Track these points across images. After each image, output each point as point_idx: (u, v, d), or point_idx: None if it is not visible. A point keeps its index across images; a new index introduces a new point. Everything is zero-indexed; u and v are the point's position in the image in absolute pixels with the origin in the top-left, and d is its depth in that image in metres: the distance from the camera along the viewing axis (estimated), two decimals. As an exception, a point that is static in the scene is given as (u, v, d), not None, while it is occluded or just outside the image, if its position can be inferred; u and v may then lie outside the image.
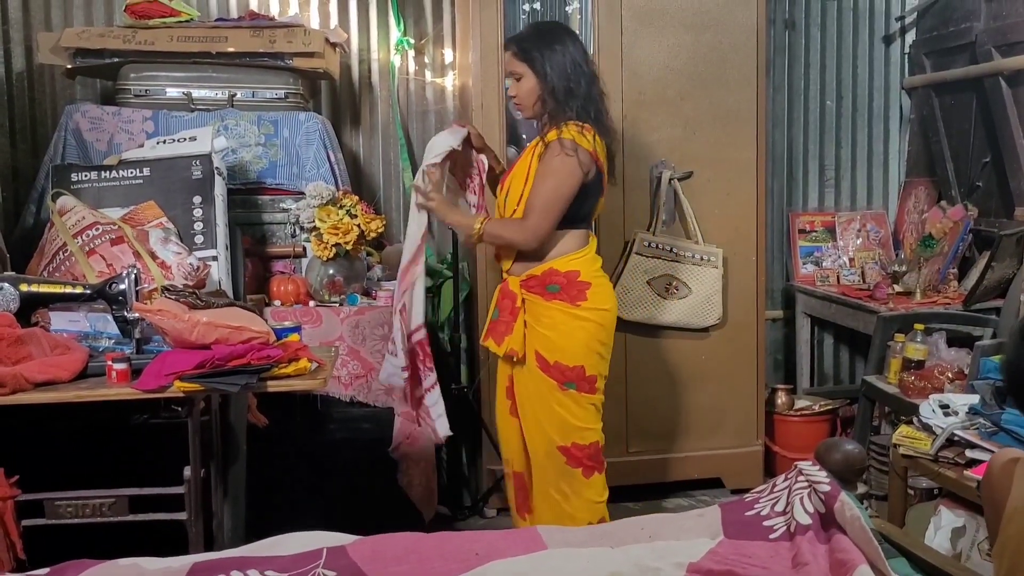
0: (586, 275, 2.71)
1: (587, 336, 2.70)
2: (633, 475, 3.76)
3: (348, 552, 1.68)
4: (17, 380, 2.07)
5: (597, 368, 2.74)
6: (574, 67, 2.68)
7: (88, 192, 3.14)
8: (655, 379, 3.76)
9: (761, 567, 1.58)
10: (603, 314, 2.73)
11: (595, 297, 2.71)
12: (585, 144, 2.63)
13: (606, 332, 2.75)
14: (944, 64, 4.23)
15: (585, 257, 2.74)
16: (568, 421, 2.72)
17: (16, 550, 2.16)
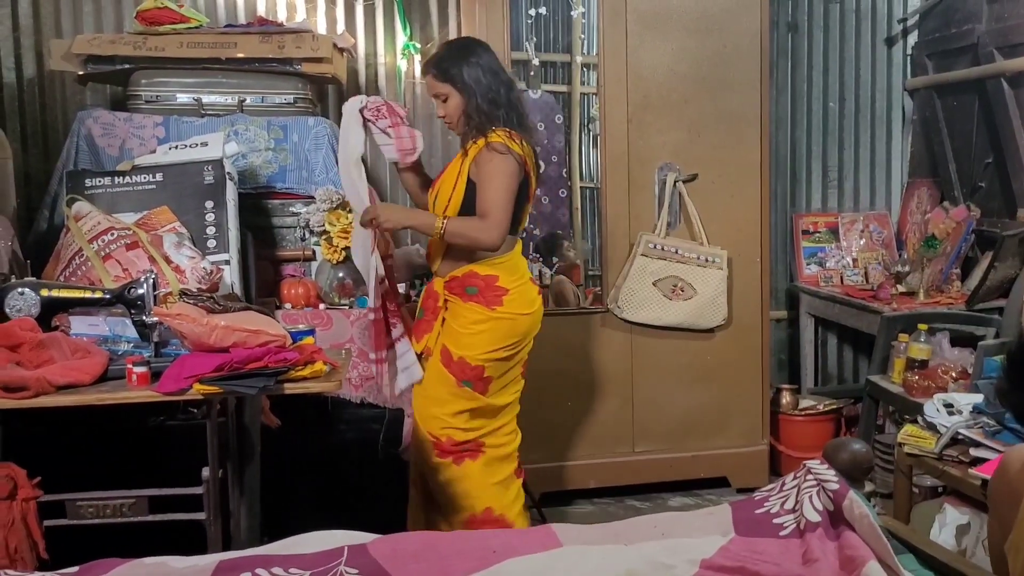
0: (504, 281, 2.80)
1: (494, 338, 2.80)
2: (639, 474, 3.81)
3: (369, 550, 1.72)
4: (40, 383, 2.10)
5: (495, 371, 2.83)
6: (492, 77, 2.77)
7: (102, 197, 3.18)
8: (661, 379, 3.80)
9: (772, 563, 1.62)
10: (516, 318, 2.81)
11: (511, 303, 2.80)
12: (515, 148, 2.72)
13: (514, 337, 2.82)
14: (946, 66, 4.27)
15: (506, 263, 2.81)
16: (451, 417, 2.83)
17: (39, 550, 2.19)
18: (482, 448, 2.90)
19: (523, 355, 2.93)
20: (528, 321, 2.84)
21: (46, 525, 2.23)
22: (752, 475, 3.81)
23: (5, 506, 2.16)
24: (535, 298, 2.89)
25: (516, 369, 2.93)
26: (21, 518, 2.17)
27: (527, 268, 2.94)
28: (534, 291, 2.91)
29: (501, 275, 2.80)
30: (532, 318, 2.86)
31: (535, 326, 2.89)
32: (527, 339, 2.89)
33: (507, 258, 2.82)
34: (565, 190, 3.96)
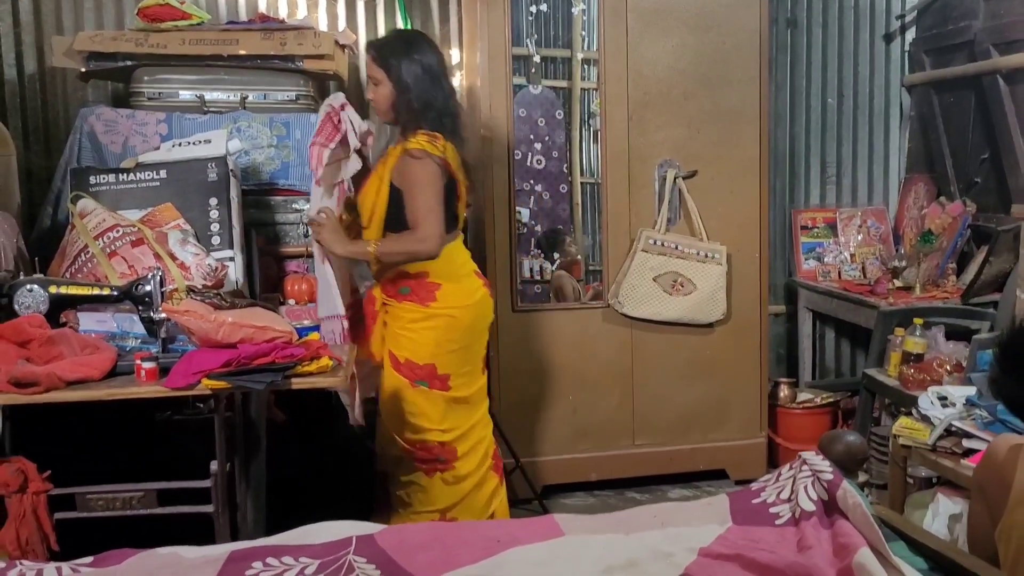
0: (436, 276, 2.83)
1: (437, 335, 2.84)
2: (638, 467, 3.85)
3: (376, 540, 1.76)
4: (51, 379, 2.14)
5: (450, 367, 2.86)
6: (430, 79, 2.79)
7: (106, 195, 3.20)
8: (661, 374, 3.84)
9: (768, 551, 1.66)
10: (454, 312, 2.84)
11: (445, 297, 2.84)
12: (434, 151, 2.74)
13: (458, 331, 2.86)
14: (943, 62, 4.30)
15: (436, 260, 2.81)
16: (416, 420, 2.88)
17: (50, 542, 2.24)
18: (456, 458, 2.92)
19: (479, 348, 2.96)
20: (469, 314, 2.86)
21: (56, 518, 2.27)
22: (750, 467, 3.85)
23: (16, 499, 2.21)
24: (475, 290, 2.91)
25: (476, 362, 2.96)
26: (32, 511, 2.21)
27: (466, 261, 2.96)
28: (474, 283, 2.93)
29: (431, 271, 2.82)
30: (474, 311, 2.88)
31: (481, 318, 2.92)
32: (476, 332, 2.91)
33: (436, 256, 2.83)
34: (566, 186, 3.99)
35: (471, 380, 2.96)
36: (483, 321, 2.95)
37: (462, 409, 2.95)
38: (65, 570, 1.72)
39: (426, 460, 2.92)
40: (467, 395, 2.95)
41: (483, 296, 2.95)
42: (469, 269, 2.96)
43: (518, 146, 3.78)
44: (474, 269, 2.98)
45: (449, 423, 2.92)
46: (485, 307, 2.95)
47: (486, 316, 2.97)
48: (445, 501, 2.94)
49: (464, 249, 2.98)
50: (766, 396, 4.00)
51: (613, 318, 3.77)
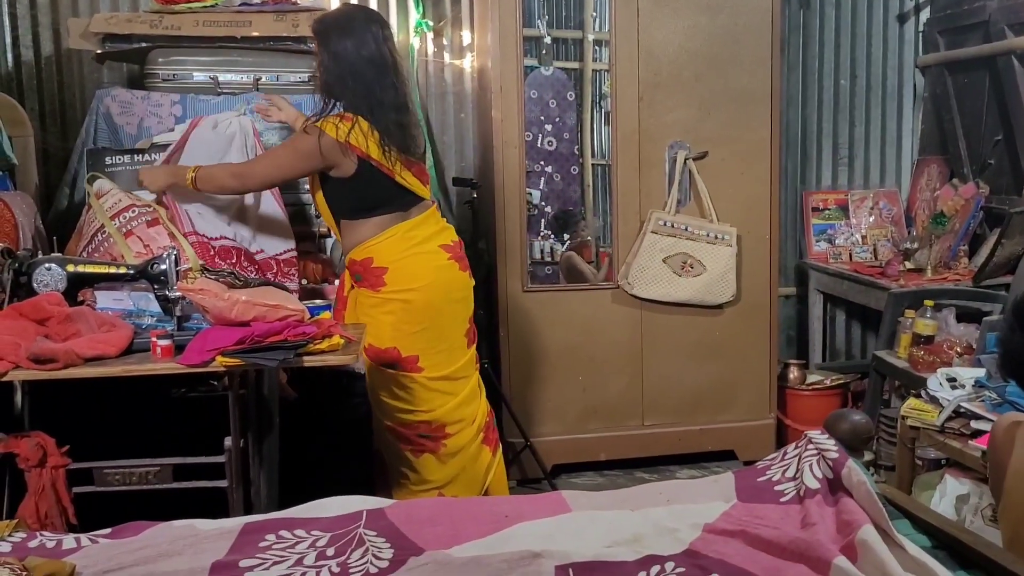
0: (381, 260, 2.80)
1: (393, 319, 2.82)
2: (647, 447, 3.88)
3: (386, 514, 1.80)
4: (69, 355, 2.18)
5: (414, 348, 2.84)
6: (358, 58, 2.74)
7: (122, 175, 3.24)
8: (670, 355, 3.86)
9: (772, 527, 1.68)
10: (406, 295, 2.80)
11: (394, 280, 2.80)
12: (331, 132, 2.70)
13: (415, 313, 2.82)
14: (958, 43, 4.28)
15: (379, 244, 2.80)
16: (392, 402, 2.90)
17: (68, 515, 2.29)
18: (445, 436, 2.92)
19: (451, 324, 2.88)
20: (423, 295, 2.81)
21: (74, 492, 2.32)
22: (759, 448, 3.87)
23: (36, 473, 2.26)
24: (424, 272, 2.83)
25: (452, 338, 2.89)
26: (51, 485, 2.26)
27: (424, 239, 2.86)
28: (431, 261, 2.84)
29: (375, 256, 2.80)
30: (428, 291, 2.81)
31: (441, 294, 2.84)
32: (437, 310, 2.84)
33: (378, 238, 2.81)
34: (577, 167, 4.01)
35: (449, 358, 2.91)
36: (444, 297, 2.86)
37: (444, 387, 2.91)
38: (83, 540, 1.77)
39: (411, 440, 2.92)
40: (446, 373, 2.90)
41: (439, 270, 2.85)
42: (429, 247, 2.85)
43: (529, 127, 3.79)
44: (440, 244, 2.88)
45: (430, 403, 2.89)
46: (445, 282, 2.85)
47: (448, 291, 2.87)
48: (438, 478, 2.94)
49: (423, 227, 2.86)
50: (775, 377, 4.01)
51: (623, 299, 3.79)
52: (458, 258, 2.92)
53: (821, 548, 1.57)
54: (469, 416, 2.98)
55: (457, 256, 2.92)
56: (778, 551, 1.62)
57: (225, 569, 1.62)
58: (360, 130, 2.73)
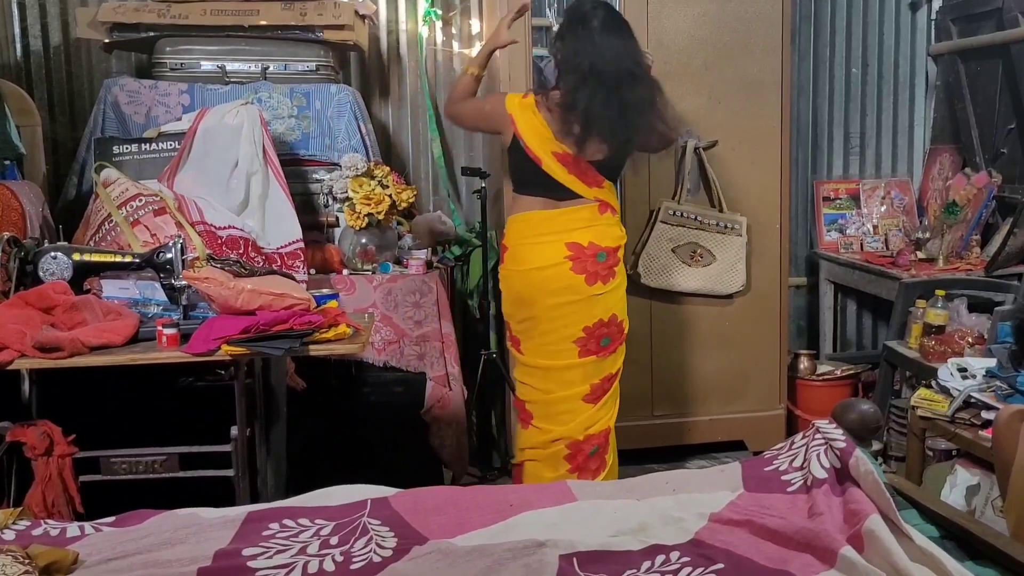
0: (508, 239, 2.90)
1: (504, 295, 2.94)
2: (657, 438, 3.86)
3: (391, 503, 1.79)
4: (74, 344, 2.18)
5: (518, 327, 2.93)
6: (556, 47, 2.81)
7: (129, 164, 3.25)
8: (680, 344, 3.84)
9: (779, 517, 1.67)
10: (512, 274, 2.87)
11: (509, 260, 2.90)
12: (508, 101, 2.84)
13: (514, 297, 2.88)
14: (970, 30, 4.23)
15: (515, 222, 2.89)
16: (515, 370, 3.02)
17: (75, 504, 2.29)
18: (530, 419, 2.95)
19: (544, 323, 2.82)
20: (520, 282, 2.81)
21: (81, 480, 2.32)
22: (769, 439, 3.83)
23: (42, 462, 2.26)
24: (532, 258, 2.80)
25: (548, 338, 2.83)
26: (58, 473, 2.27)
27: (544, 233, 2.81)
28: (535, 255, 2.80)
29: (507, 233, 2.91)
30: (522, 281, 2.80)
31: (532, 290, 2.80)
32: (528, 303, 2.81)
33: (515, 218, 2.89)
34: (585, 156, 3.98)
35: (547, 355, 2.84)
36: (540, 291, 2.79)
37: (539, 379, 2.88)
38: (87, 528, 1.77)
39: (516, 405, 3.03)
40: (545, 365, 2.85)
41: (545, 265, 2.78)
42: (553, 239, 2.79)
43: (538, 116, 3.77)
44: (569, 241, 2.78)
45: (527, 385, 2.94)
46: (545, 277, 2.78)
47: (546, 288, 2.78)
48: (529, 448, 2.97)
49: (560, 219, 2.80)
50: (785, 368, 3.99)
51: (632, 288, 3.75)
52: (577, 259, 2.78)
53: (828, 538, 1.56)
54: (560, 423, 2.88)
55: (577, 257, 2.78)
56: (784, 541, 1.61)
57: (228, 557, 1.62)
58: (530, 110, 2.78)
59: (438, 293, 3.36)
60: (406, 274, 3.37)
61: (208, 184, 3.17)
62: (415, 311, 3.33)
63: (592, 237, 2.80)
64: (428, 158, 4.22)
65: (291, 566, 1.60)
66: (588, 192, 2.81)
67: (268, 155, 3.22)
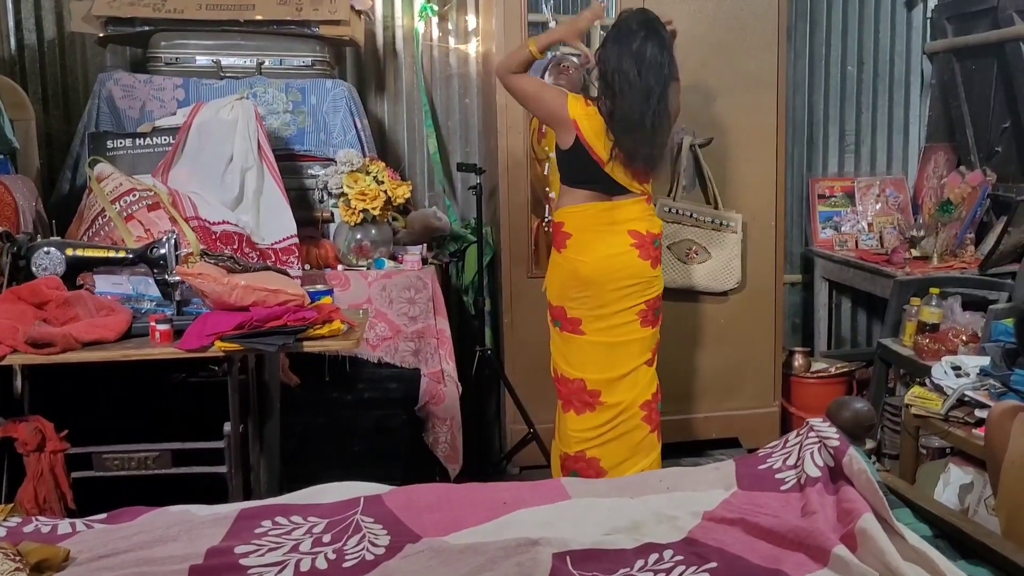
0: (570, 227, 2.96)
1: (562, 280, 2.99)
2: (652, 435, 3.86)
3: (384, 500, 1.79)
4: (67, 340, 2.17)
5: (578, 312, 2.97)
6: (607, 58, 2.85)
7: (123, 159, 3.24)
8: (675, 341, 3.83)
9: (772, 515, 1.67)
10: (576, 264, 2.93)
11: (572, 248, 2.95)
12: (570, 102, 2.89)
13: (579, 280, 2.94)
14: (966, 29, 4.23)
15: (574, 212, 2.96)
16: (555, 353, 3.07)
17: (67, 500, 2.29)
18: (598, 402, 2.99)
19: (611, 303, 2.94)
20: (589, 269, 2.92)
21: (73, 477, 2.32)
22: (763, 436, 3.83)
23: (34, 458, 2.26)
24: (600, 248, 2.93)
25: (612, 313, 2.95)
26: (50, 469, 2.26)
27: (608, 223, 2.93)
28: (604, 242, 2.93)
29: (566, 222, 2.97)
30: (593, 267, 2.92)
31: (603, 275, 2.91)
32: (598, 287, 2.92)
33: (572, 210, 2.96)
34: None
35: (613, 330, 2.97)
36: (610, 276, 2.92)
37: (606, 355, 2.98)
38: (79, 525, 1.76)
39: (562, 393, 3.05)
40: (609, 341, 2.97)
41: (616, 252, 2.93)
42: (618, 228, 2.94)
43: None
44: (631, 229, 2.94)
45: (591, 366, 2.99)
46: (617, 264, 2.92)
47: (616, 272, 2.92)
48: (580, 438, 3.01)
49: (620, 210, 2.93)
50: (780, 365, 4.00)
51: (627, 286, 3.76)
52: (641, 246, 2.96)
53: (821, 537, 1.56)
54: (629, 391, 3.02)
55: (641, 244, 2.96)
56: (778, 540, 1.61)
57: (220, 555, 1.61)
58: (586, 113, 2.88)
59: (433, 289, 3.35)
60: (401, 270, 3.37)
61: (202, 179, 3.16)
62: (410, 307, 3.33)
63: (648, 226, 2.99)
64: (424, 154, 4.21)
65: (283, 564, 1.60)
66: (638, 188, 2.97)
67: (263, 150, 3.21)
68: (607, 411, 3.00)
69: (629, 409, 3.02)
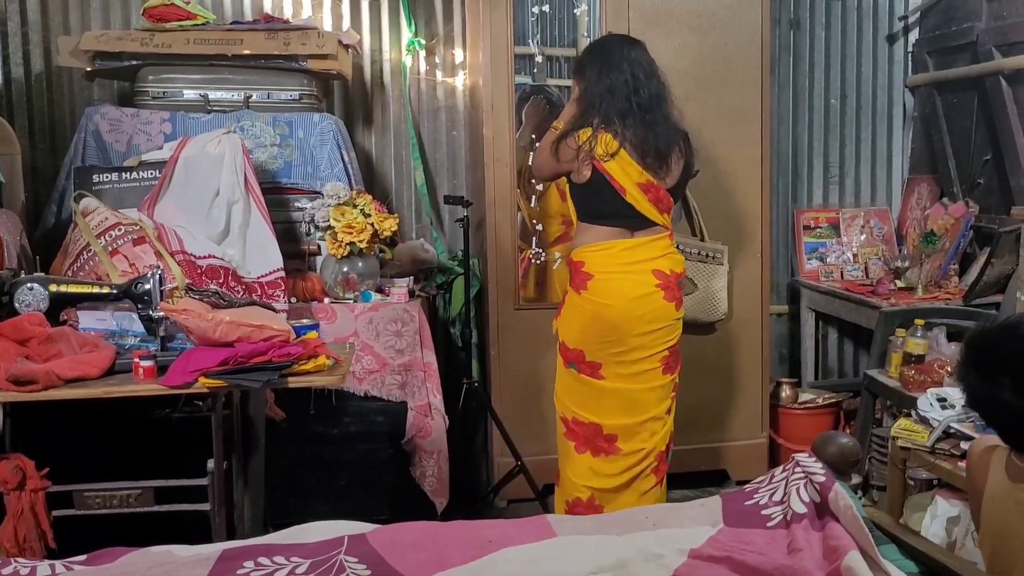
0: (591, 267, 2.88)
1: (583, 323, 2.88)
2: (640, 467, 3.84)
3: (368, 540, 1.77)
4: (49, 377, 2.16)
5: (599, 355, 2.87)
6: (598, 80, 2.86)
7: (109, 193, 3.24)
8: (661, 373, 3.84)
9: (758, 553, 1.66)
10: (600, 307, 2.84)
11: (595, 289, 2.86)
12: (581, 137, 2.82)
13: (602, 324, 2.85)
14: (946, 63, 4.29)
15: (595, 252, 2.88)
16: (567, 396, 2.96)
17: (47, 539, 2.25)
18: (614, 449, 2.90)
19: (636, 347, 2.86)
20: (615, 312, 2.82)
21: (54, 515, 2.29)
22: (752, 468, 3.84)
23: (15, 496, 2.23)
24: (625, 291, 2.84)
25: (636, 358, 2.88)
26: (30, 508, 2.23)
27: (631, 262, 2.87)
28: (629, 284, 2.85)
29: (587, 261, 2.89)
30: (619, 311, 2.83)
31: (629, 319, 2.83)
32: (623, 331, 2.84)
33: (597, 247, 2.88)
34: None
35: (635, 377, 2.89)
36: (637, 319, 2.84)
37: (624, 401, 2.89)
38: (59, 568, 1.74)
39: (577, 435, 2.94)
40: (633, 388, 2.88)
41: (642, 295, 2.85)
42: (641, 268, 2.87)
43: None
44: (655, 268, 2.88)
45: (607, 412, 2.90)
46: (643, 307, 2.84)
47: (642, 316, 2.84)
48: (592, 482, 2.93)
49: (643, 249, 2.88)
50: (768, 396, 4.00)
51: (614, 318, 3.77)
52: (666, 287, 2.89)
53: (807, 575, 1.55)
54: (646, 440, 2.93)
55: (666, 286, 2.89)
56: (764, 578, 1.60)
57: (202, 596, 1.59)
58: (603, 143, 2.82)
59: (420, 322, 3.35)
60: (388, 302, 3.37)
61: (189, 213, 3.17)
62: (397, 340, 3.32)
63: (672, 265, 2.94)
64: (411, 186, 4.23)
65: (266, 605, 1.58)
66: (660, 218, 2.91)
67: (250, 184, 3.21)
68: (625, 459, 2.91)
69: (646, 459, 2.93)
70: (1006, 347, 1.65)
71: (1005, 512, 1.54)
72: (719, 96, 3.78)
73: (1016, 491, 1.55)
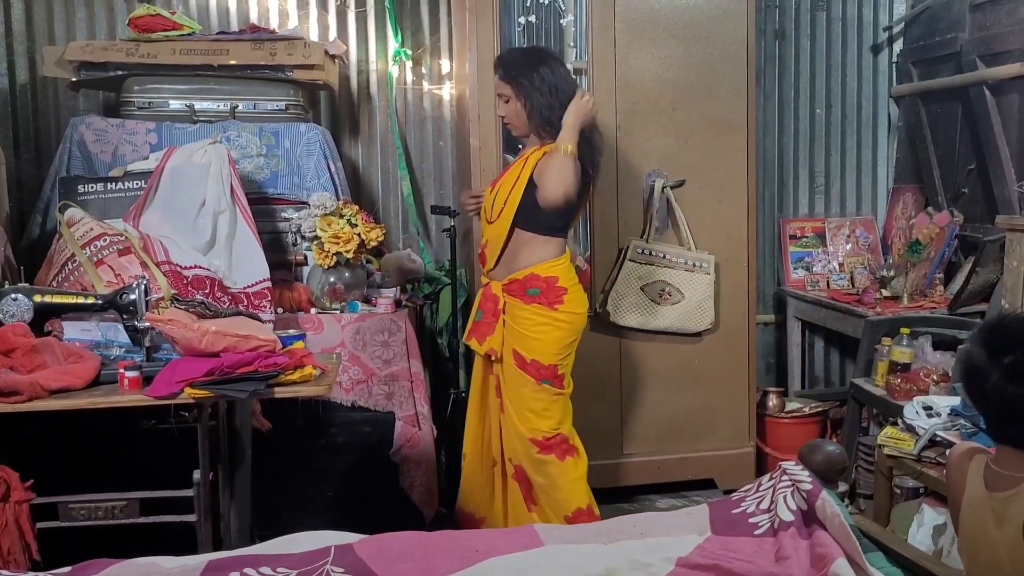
0: (564, 281, 2.94)
1: (561, 336, 2.94)
2: (627, 476, 3.85)
3: (355, 550, 1.76)
4: (33, 388, 2.14)
5: (566, 366, 2.99)
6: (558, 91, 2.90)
7: (94, 203, 3.22)
8: (649, 383, 3.85)
9: (746, 561, 1.66)
10: (576, 317, 2.96)
11: (571, 302, 2.94)
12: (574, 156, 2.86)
13: (577, 333, 2.99)
14: (931, 73, 4.32)
15: (563, 264, 2.95)
16: (539, 416, 2.96)
17: (31, 551, 2.23)
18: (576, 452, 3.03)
19: None
20: (583, 318, 3.00)
21: (39, 527, 2.27)
22: (738, 477, 3.84)
23: (-1, 508, 2.20)
24: (584, 297, 3.04)
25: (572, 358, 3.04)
26: (14, 520, 2.21)
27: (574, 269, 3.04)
28: (583, 291, 3.04)
29: (561, 275, 2.92)
30: (584, 316, 3.02)
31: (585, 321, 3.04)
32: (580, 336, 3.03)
33: (563, 259, 2.95)
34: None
35: (571, 380, 3.05)
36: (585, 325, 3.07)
37: (568, 406, 3.04)
38: (42, 580, 1.72)
39: (555, 447, 2.98)
40: (570, 392, 3.04)
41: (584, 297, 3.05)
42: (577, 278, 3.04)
43: (507, 155, 3.79)
44: None
45: (567, 420, 3.02)
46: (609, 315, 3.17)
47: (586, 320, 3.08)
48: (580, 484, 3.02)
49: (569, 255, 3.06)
50: (754, 405, 4.00)
51: (601, 327, 3.77)
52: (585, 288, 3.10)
53: (795, 583, 1.55)
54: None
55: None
56: (752, 586, 1.60)
57: (188, 608, 1.58)
58: None
59: (407, 332, 3.35)
60: (375, 313, 3.36)
61: (174, 223, 3.15)
62: (384, 350, 3.32)
63: None
64: (398, 196, 4.23)
65: (252, 616, 1.57)
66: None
67: (236, 194, 3.21)
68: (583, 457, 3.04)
69: None
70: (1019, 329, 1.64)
71: (982, 520, 1.55)
72: (704, 106, 3.80)
73: (992, 500, 1.55)
